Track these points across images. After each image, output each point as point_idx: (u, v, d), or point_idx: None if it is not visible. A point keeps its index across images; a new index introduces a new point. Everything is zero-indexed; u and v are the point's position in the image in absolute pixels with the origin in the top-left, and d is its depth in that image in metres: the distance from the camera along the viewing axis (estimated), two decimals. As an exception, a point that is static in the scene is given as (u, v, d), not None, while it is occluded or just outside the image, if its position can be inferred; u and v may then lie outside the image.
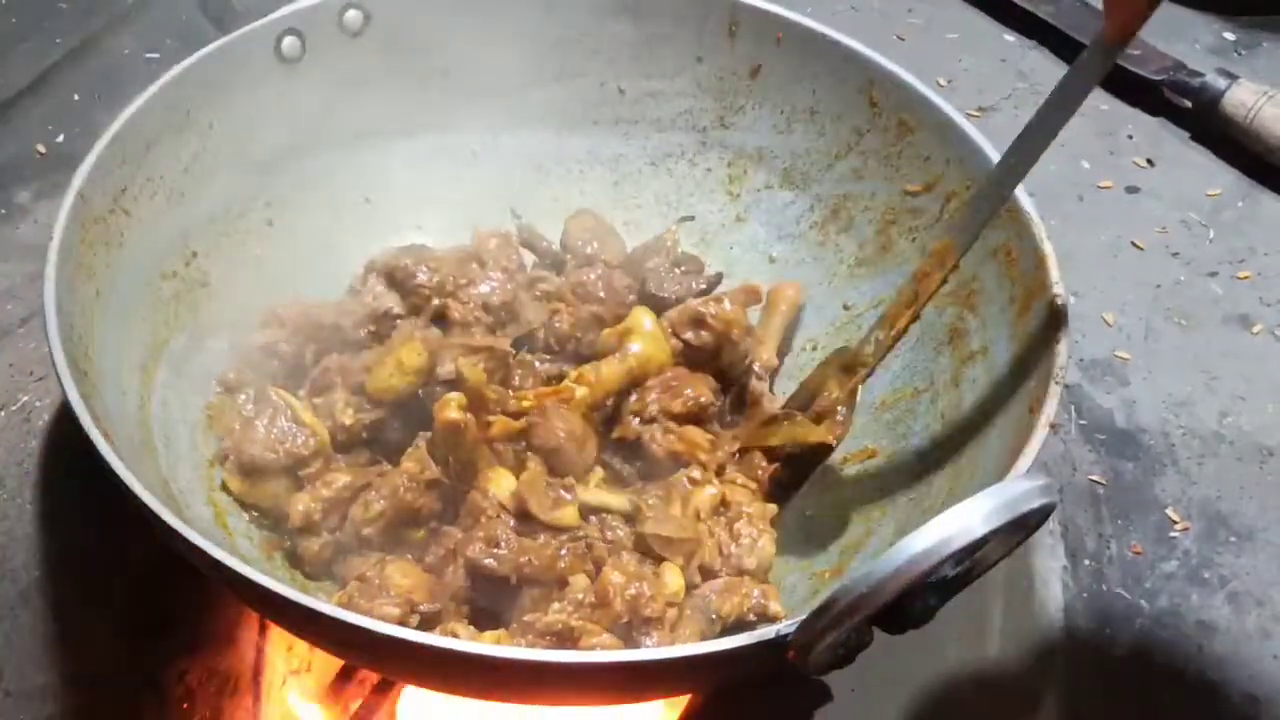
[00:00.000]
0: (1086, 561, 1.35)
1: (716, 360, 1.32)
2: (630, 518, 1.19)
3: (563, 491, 1.18)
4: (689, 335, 1.31)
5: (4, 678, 1.19)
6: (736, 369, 1.34)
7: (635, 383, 1.28)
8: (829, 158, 1.40)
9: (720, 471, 1.25)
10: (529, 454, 1.21)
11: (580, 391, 1.25)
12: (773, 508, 1.23)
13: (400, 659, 0.96)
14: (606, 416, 1.28)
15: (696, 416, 1.27)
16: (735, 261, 1.46)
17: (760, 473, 1.26)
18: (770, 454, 1.27)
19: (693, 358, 1.32)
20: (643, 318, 1.31)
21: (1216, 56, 1.93)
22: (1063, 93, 1.09)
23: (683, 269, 1.40)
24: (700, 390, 1.27)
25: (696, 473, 1.23)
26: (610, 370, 1.28)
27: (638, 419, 1.26)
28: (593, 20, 1.42)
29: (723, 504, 1.22)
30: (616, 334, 1.30)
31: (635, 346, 1.28)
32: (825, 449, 1.24)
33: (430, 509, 1.19)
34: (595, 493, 1.20)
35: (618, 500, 1.20)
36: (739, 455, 1.28)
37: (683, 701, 1.18)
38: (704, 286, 1.39)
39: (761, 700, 1.20)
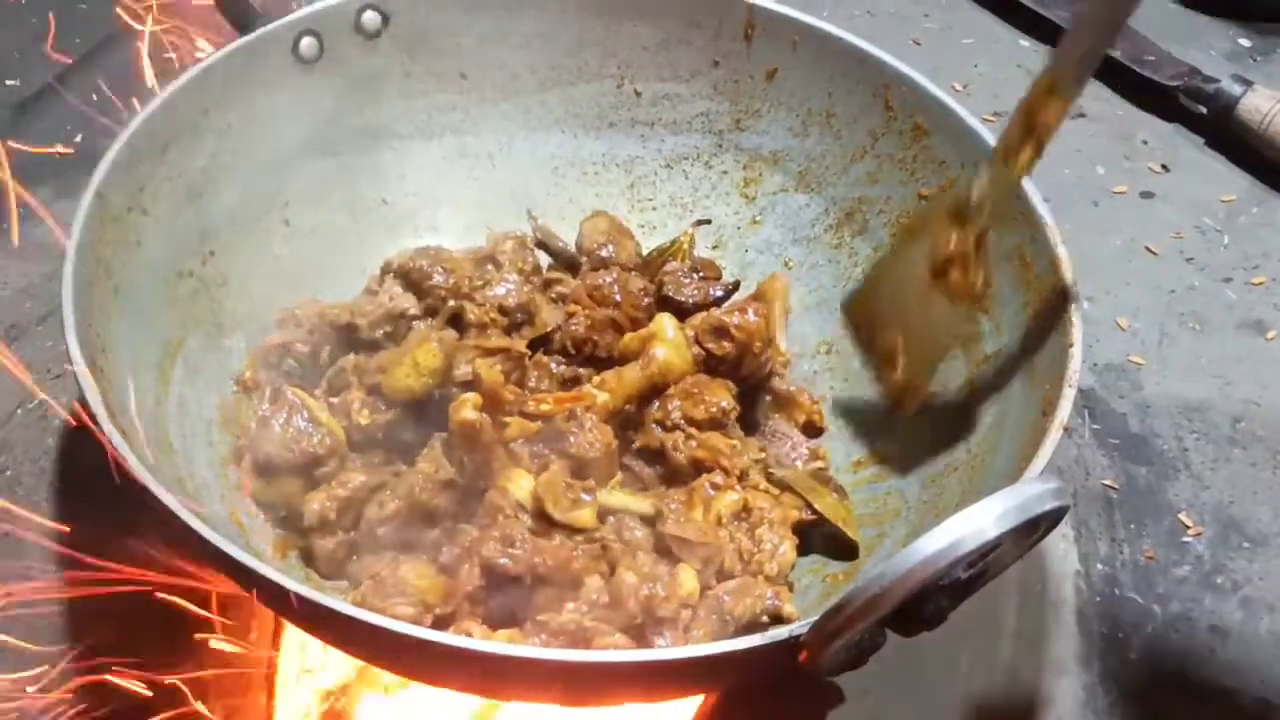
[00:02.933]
0: (1099, 566, 1.35)
1: (737, 370, 1.32)
2: (649, 520, 1.19)
3: (583, 493, 1.18)
4: (711, 345, 1.31)
5: (20, 668, 1.19)
6: (756, 377, 1.34)
7: (656, 389, 1.28)
8: (844, 161, 1.40)
9: (742, 477, 1.25)
10: (552, 456, 1.21)
11: (602, 397, 1.25)
12: (794, 513, 1.23)
13: (414, 657, 0.97)
14: (625, 421, 1.28)
15: (718, 422, 1.27)
16: (750, 264, 1.46)
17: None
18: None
19: (713, 366, 1.32)
20: (665, 324, 1.30)
21: (1232, 63, 1.94)
22: None
23: (700, 274, 1.40)
24: (721, 396, 1.27)
25: (719, 478, 1.23)
26: (632, 376, 1.28)
27: (660, 427, 1.26)
28: (610, 23, 1.42)
29: (744, 509, 1.22)
30: (639, 339, 1.30)
31: (658, 353, 1.28)
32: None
33: (445, 509, 1.19)
34: (617, 495, 1.21)
35: (639, 503, 1.20)
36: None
37: (696, 702, 1.18)
38: (721, 294, 1.39)
39: (774, 701, 1.20)
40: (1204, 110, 1.81)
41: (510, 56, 1.42)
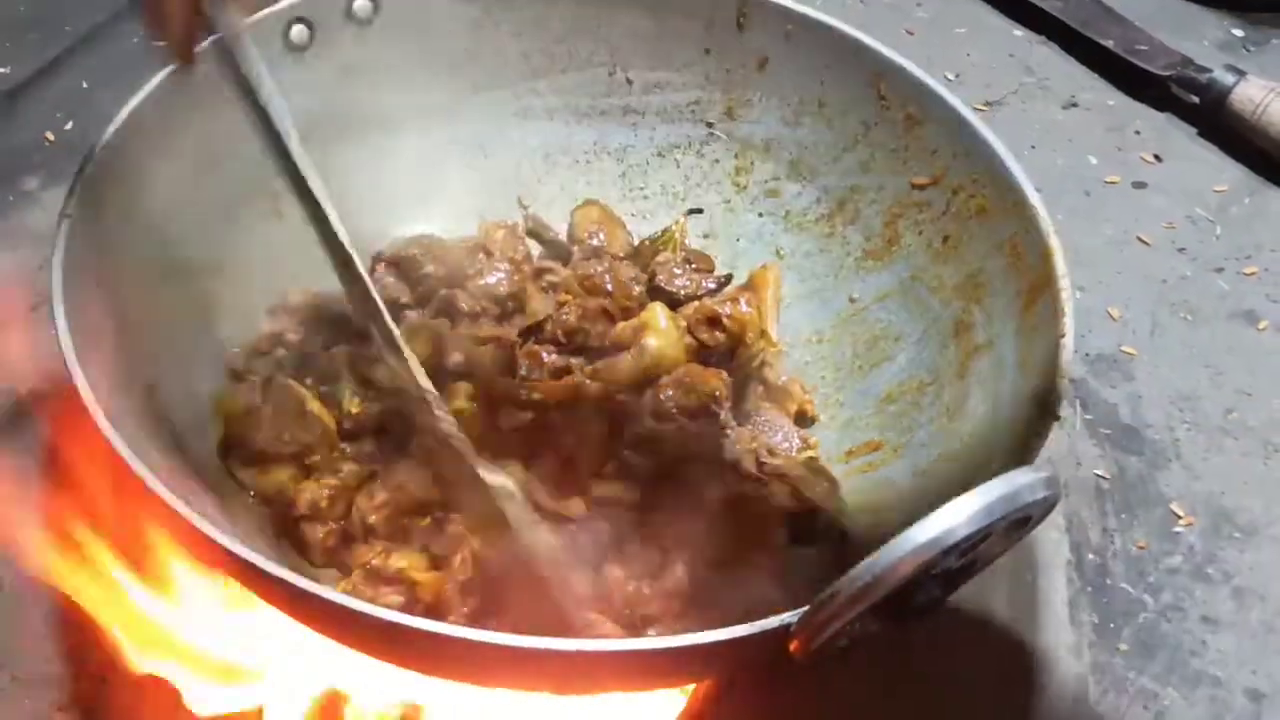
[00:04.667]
0: (1091, 556, 1.35)
1: (729, 360, 1.32)
2: (639, 509, 1.19)
3: (573, 483, 1.18)
4: (704, 335, 1.31)
5: (11, 663, 1.19)
6: (748, 367, 1.34)
7: (649, 379, 1.28)
8: (836, 150, 1.40)
9: (734, 467, 1.25)
10: (544, 445, 1.21)
11: (594, 386, 1.25)
12: (786, 502, 1.23)
13: (404, 646, 0.97)
14: (616, 411, 1.28)
15: (711, 412, 1.27)
16: (741, 254, 1.46)
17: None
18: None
19: (705, 356, 1.32)
20: (658, 314, 1.31)
21: (1224, 52, 1.93)
22: None
23: (693, 265, 1.40)
24: (714, 385, 1.27)
25: (711, 468, 1.23)
26: (624, 366, 1.28)
27: (652, 417, 1.26)
28: (602, 10, 1.42)
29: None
30: (631, 328, 1.30)
31: (650, 343, 1.28)
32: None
33: (436, 499, 1.19)
34: (607, 485, 1.21)
35: (630, 493, 1.20)
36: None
37: (689, 691, 1.18)
38: (713, 286, 1.39)
39: (764, 691, 1.20)
40: (1196, 100, 1.80)
41: (501, 43, 1.42)
